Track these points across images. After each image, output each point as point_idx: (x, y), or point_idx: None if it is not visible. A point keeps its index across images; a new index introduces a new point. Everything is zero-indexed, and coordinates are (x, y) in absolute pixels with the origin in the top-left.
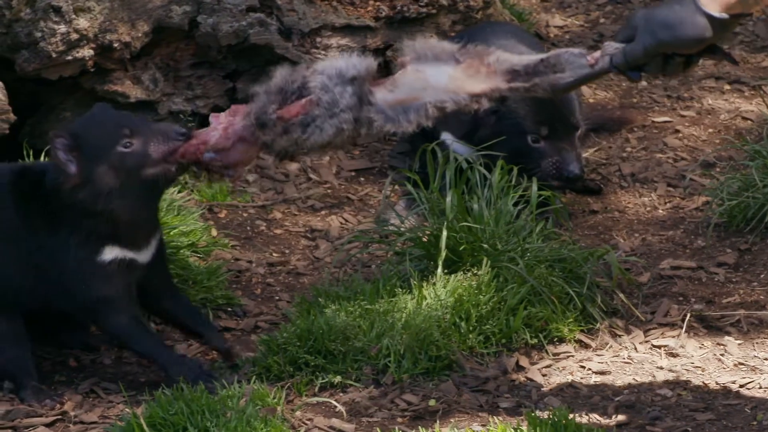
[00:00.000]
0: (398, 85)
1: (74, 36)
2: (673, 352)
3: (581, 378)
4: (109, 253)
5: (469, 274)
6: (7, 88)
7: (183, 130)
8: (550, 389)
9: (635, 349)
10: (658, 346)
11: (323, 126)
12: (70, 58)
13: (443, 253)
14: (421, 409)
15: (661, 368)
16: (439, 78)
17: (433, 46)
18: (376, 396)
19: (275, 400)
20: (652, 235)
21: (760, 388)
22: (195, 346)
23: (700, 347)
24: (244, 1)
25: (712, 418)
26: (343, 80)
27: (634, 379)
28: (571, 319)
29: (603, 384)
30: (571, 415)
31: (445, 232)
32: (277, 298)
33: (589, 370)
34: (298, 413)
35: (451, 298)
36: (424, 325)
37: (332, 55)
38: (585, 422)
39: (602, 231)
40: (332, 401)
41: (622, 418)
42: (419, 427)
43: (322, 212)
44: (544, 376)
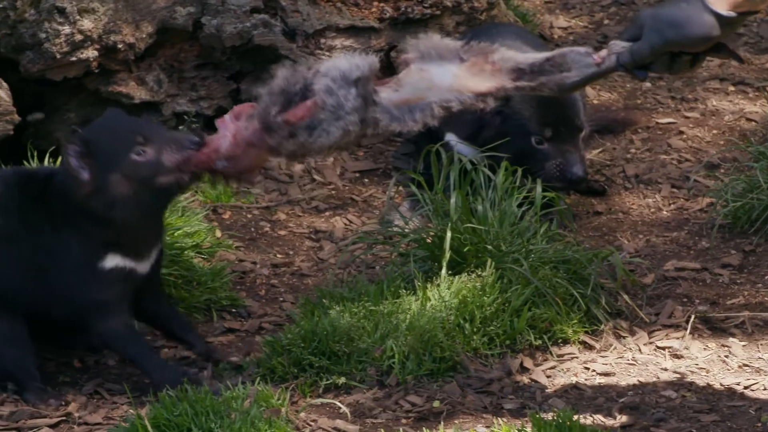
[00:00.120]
0: (403, 85)
1: (78, 37)
2: (678, 353)
3: (585, 379)
4: (111, 261)
5: (474, 275)
6: (12, 89)
7: (196, 139)
8: (555, 390)
9: (639, 350)
10: (663, 348)
11: (329, 129)
12: (74, 59)
13: (447, 255)
14: (426, 410)
15: (666, 370)
16: (443, 77)
17: (437, 45)
18: (381, 397)
19: (279, 402)
20: (657, 237)
21: (765, 389)
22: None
23: (705, 349)
24: (248, 2)
25: (717, 420)
26: (347, 82)
27: (638, 380)
28: (576, 321)
29: (607, 385)
30: (576, 417)
31: (449, 234)
32: (282, 299)
33: (594, 371)
34: (302, 414)
35: (455, 300)
36: (428, 327)
37: (335, 55)
38: (589, 423)
39: (606, 232)
40: (336, 402)
41: (627, 420)
42: (423, 429)
43: (327, 213)
44: (549, 377)
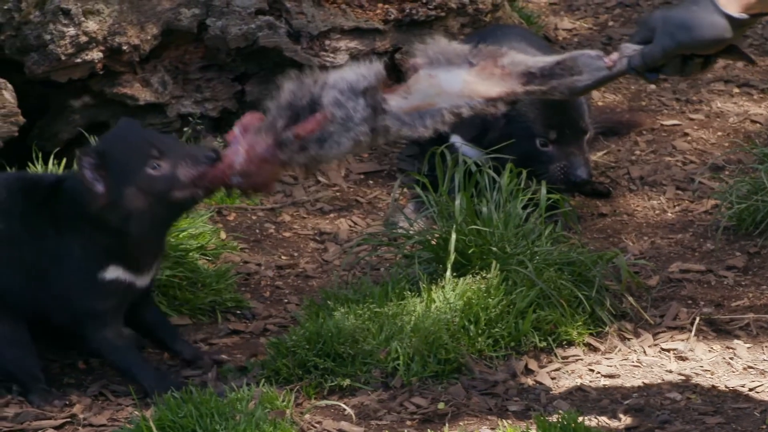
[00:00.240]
0: (412, 92)
1: (83, 38)
2: (682, 355)
3: (590, 381)
4: (112, 273)
5: (478, 277)
6: (16, 90)
7: (212, 154)
8: (559, 392)
9: (644, 352)
10: (667, 350)
11: (340, 140)
12: (79, 60)
13: (452, 256)
14: (430, 412)
15: (670, 372)
16: (453, 83)
17: (445, 50)
18: (385, 399)
19: (284, 403)
20: (661, 239)
21: None
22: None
23: (710, 351)
24: (253, 4)
25: (722, 422)
26: (355, 93)
27: (643, 382)
28: (580, 323)
29: (612, 387)
30: (580, 419)
31: (454, 235)
32: (286, 300)
33: (598, 373)
34: (307, 416)
35: (460, 302)
36: (433, 329)
37: (340, 58)
38: (594, 425)
39: (611, 234)
40: (341, 404)
41: (631, 422)
42: (428, 430)
43: (331, 215)
44: (553, 379)
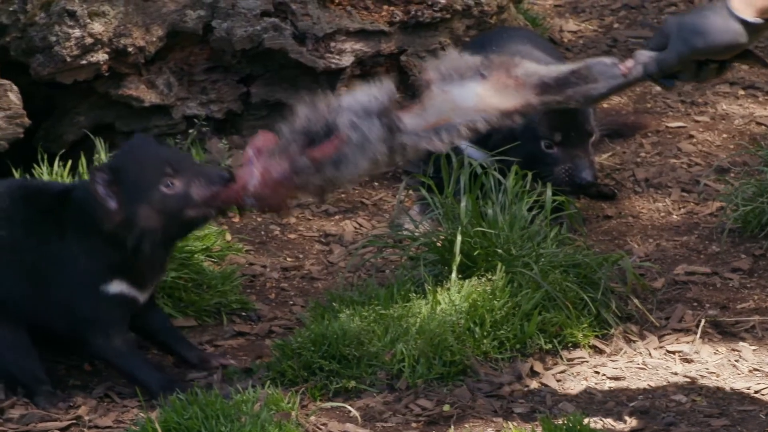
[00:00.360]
0: (426, 109)
1: (89, 40)
2: (688, 357)
3: (596, 383)
4: (116, 287)
5: (484, 279)
6: (22, 92)
7: (226, 175)
8: (565, 395)
9: (650, 354)
10: (673, 352)
11: (357, 161)
12: (84, 62)
13: (458, 258)
14: (436, 414)
15: (676, 374)
16: (466, 97)
17: (457, 63)
18: (391, 401)
19: (290, 405)
20: (667, 241)
21: None
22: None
23: (715, 353)
24: (258, 5)
25: (727, 424)
26: (369, 114)
27: (648, 384)
28: (586, 325)
29: (617, 389)
30: (586, 421)
31: (459, 237)
32: (291, 302)
33: (604, 375)
34: (312, 418)
35: (465, 304)
36: (438, 330)
37: (345, 60)
38: (599, 428)
39: (616, 236)
40: (347, 406)
41: (637, 424)
42: None
43: (336, 217)
44: (559, 381)
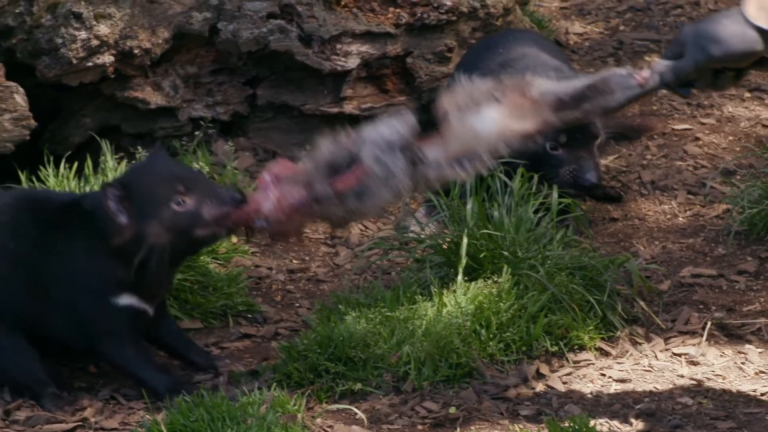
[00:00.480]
0: (448, 141)
1: (95, 42)
2: (694, 360)
3: (602, 386)
4: (125, 300)
5: (490, 281)
6: (28, 94)
7: (238, 196)
8: (571, 397)
9: (656, 357)
10: (679, 354)
11: (380, 194)
12: (90, 64)
13: (463, 261)
14: (442, 416)
15: (682, 376)
16: (486, 125)
17: (471, 92)
18: (397, 403)
19: (296, 407)
20: (673, 243)
21: None
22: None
23: (721, 355)
24: (264, 7)
25: (733, 427)
26: (392, 148)
27: (654, 387)
28: (592, 327)
29: (623, 392)
30: (592, 423)
31: (465, 240)
32: (297, 304)
33: (610, 377)
34: (318, 420)
35: (471, 306)
36: (444, 333)
37: (351, 62)
38: (605, 430)
39: (622, 239)
40: (353, 408)
41: (643, 426)
42: None
43: None
44: (565, 383)
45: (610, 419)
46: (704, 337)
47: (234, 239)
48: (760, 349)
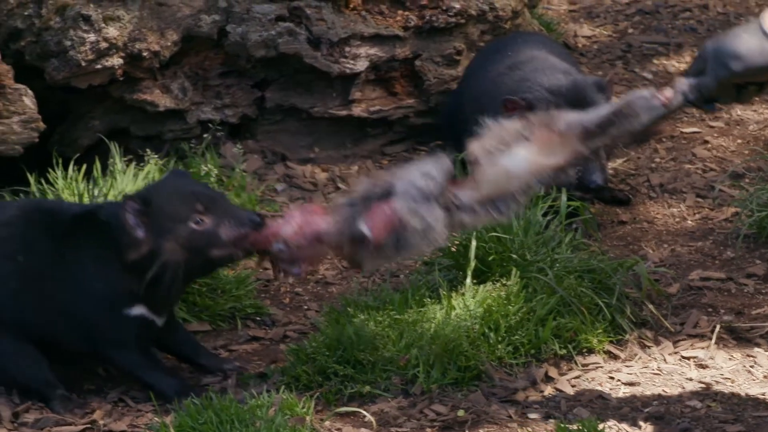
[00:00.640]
0: (481, 183)
1: (103, 45)
2: (703, 363)
3: (610, 389)
4: (137, 310)
5: (498, 284)
6: (37, 96)
7: (257, 219)
8: (580, 400)
9: (664, 360)
10: (688, 358)
11: (417, 244)
12: (99, 66)
13: (472, 264)
14: (450, 419)
15: (691, 379)
16: (517, 165)
17: (498, 134)
18: (405, 406)
19: (304, 410)
20: (681, 246)
21: None
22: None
23: (730, 359)
24: (273, 10)
25: (742, 430)
26: (427, 198)
27: (663, 390)
28: (600, 330)
29: (632, 395)
30: (601, 426)
31: (474, 243)
32: (306, 307)
33: (619, 381)
34: (327, 423)
35: (480, 309)
36: (453, 336)
37: (360, 65)
38: None
39: (631, 242)
40: (361, 411)
41: (652, 430)
42: None
43: None
44: (573, 386)
45: (619, 422)
46: (713, 341)
47: (252, 263)
48: None
